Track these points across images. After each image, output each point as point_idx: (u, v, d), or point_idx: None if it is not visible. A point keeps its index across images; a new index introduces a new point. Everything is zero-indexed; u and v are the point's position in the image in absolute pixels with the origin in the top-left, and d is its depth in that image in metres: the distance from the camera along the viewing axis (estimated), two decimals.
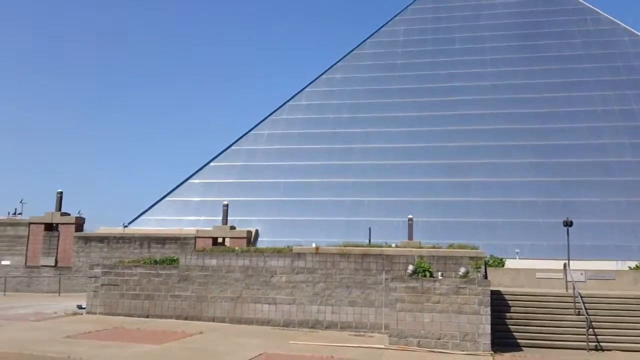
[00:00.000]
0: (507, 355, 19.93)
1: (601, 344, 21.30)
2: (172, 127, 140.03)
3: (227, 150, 56.80)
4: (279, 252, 26.50)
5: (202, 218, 49.54)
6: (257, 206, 50.53)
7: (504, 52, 59.59)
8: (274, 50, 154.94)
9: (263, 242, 45.33)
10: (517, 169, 48.95)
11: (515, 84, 55.69)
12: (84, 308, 28.43)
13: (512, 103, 54.07)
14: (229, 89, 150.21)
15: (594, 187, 46.25)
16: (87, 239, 44.14)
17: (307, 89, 60.93)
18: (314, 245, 27.51)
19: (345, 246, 26.76)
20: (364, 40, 65.45)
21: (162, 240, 42.77)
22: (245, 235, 42.67)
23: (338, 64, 63.17)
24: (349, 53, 64.26)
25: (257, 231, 47.71)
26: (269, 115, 59.13)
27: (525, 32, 61.16)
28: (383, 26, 66.91)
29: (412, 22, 66.40)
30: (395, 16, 67.98)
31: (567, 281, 26.13)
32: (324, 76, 62.12)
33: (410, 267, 22.44)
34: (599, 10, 62.33)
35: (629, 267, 34.03)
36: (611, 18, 61.20)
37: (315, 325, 25.01)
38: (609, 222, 43.60)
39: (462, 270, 22.14)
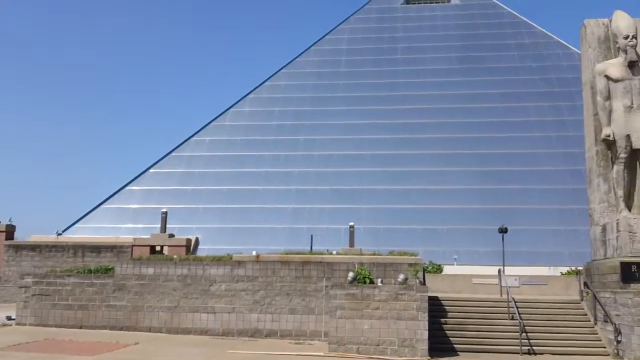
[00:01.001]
0: None
1: (534, 347, 21.89)
2: (110, 133, 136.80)
3: (168, 157, 55.83)
4: (218, 260, 26.17)
5: (140, 226, 48.37)
6: (198, 214, 49.81)
7: (445, 62, 60.98)
8: (217, 56, 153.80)
9: (203, 250, 44.67)
10: (457, 177, 50.00)
11: (455, 94, 56.98)
12: (13, 319, 27.36)
13: (453, 112, 55.28)
14: (170, 95, 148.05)
15: (529, 195, 47.73)
16: (18, 248, 42.48)
17: (250, 96, 60.64)
18: (254, 253, 27.30)
19: (287, 254, 26.68)
20: (308, 48, 65.76)
21: (97, 248, 41.60)
22: (184, 243, 41.92)
23: (282, 70, 63.17)
24: (293, 60, 64.38)
25: (197, 239, 46.99)
26: (211, 122, 58.51)
27: (464, 43, 62.79)
28: (327, 34, 67.40)
29: (356, 31, 67.15)
30: (339, 24, 68.63)
31: (501, 286, 26.79)
32: (267, 83, 61.98)
33: (351, 274, 22.52)
34: (534, 24, 64.67)
35: (561, 272, 35.15)
36: (545, 32, 63.61)
37: (255, 334, 24.78)
38: (542, 229, 45.03)
39: (401, 276, 22.38)
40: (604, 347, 21.75)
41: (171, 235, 42.93)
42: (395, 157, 52.19)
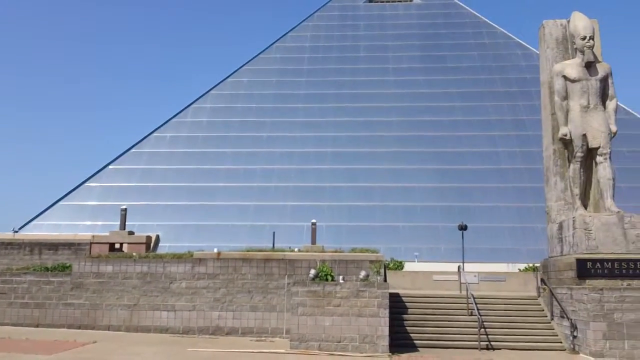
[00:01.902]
0: (404, 356, 20.42)
1: (492, 343, 22.26)
2: (68, 127, 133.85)
3: (127, 153, 54.88)
4: (179, 257, 25.88)
5: (99, 223, 47.48)
6: (159, 211, 49.12)
7: (406, 61, 61.52)
8: (179, 51, 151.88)
9: (164, 247, 44.10)
10: (418, 175, 50.52)
11: (416, 93, 57.54)
12: None
13: (414, 111, 55.82)
14: (131, 88, 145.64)
15: (488, 193, 48.54)
16: None
17: (212, 92, 60.09)
18: (215, 250, 27.07)
19: (248, 251, 26.55)
20: (271, 44, 65.53)
21: (54, 246, 40.64)
22: (144, 240, 41.19)
23: (244, 67, 62.77)
24: (255, 56, 64.04)
25: (157, 237, 46.36)
26: (172, 118, 57.75)
27: (426, 43, 63.47)
28: (290, 31, 67.27)
29: (319, 28, 67.20)
30: (302, 22, 68.56)
31: (461, 283, 27.18)
32: (229, 79, 61.52)
33: (312, 272, 22.53)
34: (494, 25, 65.76)
35: (518, 269, 35.88)
36: (505, 32, 64.75)
37: (215, 331, 24.59)
38: (501, 227, 45.87)
39: (363, 273, 22.49)
40: (560, 342, 22.25)
41: (131, 233, 42.16)
42: (357, 154, 52.45)
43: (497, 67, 59.66)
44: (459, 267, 29.65)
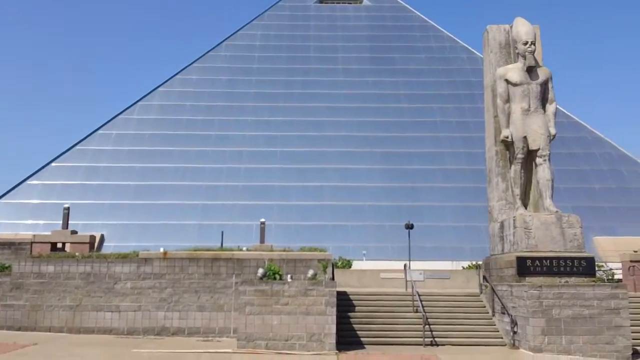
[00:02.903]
0: (350, 353, 20.64)
1: (436, 339, 22.72)
2: (6, 124, 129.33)
3: (71, 150, 53.56)
4: (124, 257, 25.41)
5: (41, 222, 46.17)
6: (104, 210, 48.14)
7: (356, 62, 62.14)
8: (125, 46, 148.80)
9: (109, 247, 43.25)
10: (366, 175, 51.14)
11: (365, 94, 58.20)
12: None
13: (363, 111, 56.44)
14: (75, 83, 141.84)
15: (434, 192, 49.58)
16: None
17: (160, 89, 59.26)
18: (162, 250, 26.70)
19: (196, 250, 26.27)
20: (220, 42, 65.10)
21: None
22: (88, 240, 40.11)
23: (193, 64, 62.13)
24: (205, 54, 63.47)
25: (102, 236, 45.43)
26: (118, 115, 56.66)
27: (375, 44, 64.25)
28: (240, 29, 66.96)
29: (269, 27, 67.11)
30: (252, 20, 68.36)
31: (407, 281, 27.63)
32: (178, 76, 60.80)
33: (260, 271, 22.49)
34: (441, 29, 67.10)
35: (462, 266, 36.75)
36: (451, 36, 66.20)
37: (161, 332, 24.27)
38: (446, 225, 46.93)
39: (311, 272, 22.60)
40: (501, 338, 22.88)
41: (74, 232, 41.04)
42: (306, 154, 52.66)
43: (443, 70, 60.94)
44: (405, 265, 30.14)
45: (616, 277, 32.30)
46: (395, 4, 70.22)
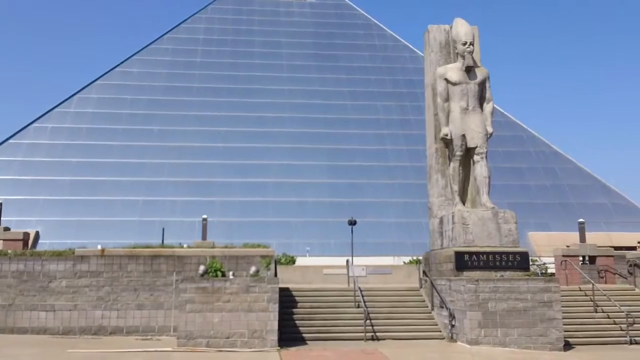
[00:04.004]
0: (292, 349, 20.69)
1: (377, 334, 23.05)
2: None
3: (4, 144, 51.59)
4: (59, 255, 24.62)
5: None
6: (39, 206, 46.56)
7: (300, 59, 62.17)
8: (61, 36, 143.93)
9: (45, 244, 41.77)
10: (310, 171, 51.30)
11: (309, 90, 58.33)
12: None
13: (307, 108, 56.58)
14: (8, 74, 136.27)
15: (376, 189, 50.23)
16: None
17: (98, 82, 57.68)
18: (99, 247, 26.03)
19: (135, 247, 25.72)
20: (162, 35, 63.91)
21: None
22: (21, 237, 38.72)
23: (134, 57, 60.75)
24: (146, 47, 62.15)
25: (37, 233, 43.91)
26: (54, 108, 54.86)
27: (319, 41, 64.47)
28: (182, 22, 65.92)
29: (212, 21, 66.32)
30: (195, 13, 67.41)
31: (349, 276, 27.89)
32: (118, 69, 59.35)
33: (202, 268, 22.24)
34: (384, 27, 67.92)
35: (403, 262, 37.35)
36: (394, 35, 67.09)
37: (98, 331, 23.68)
38: (388, 221, 47.62)
39: (253, 269, 22.51)
40: (440, 332, 23.41)
41: (6, 229, 39.55)
42: (248, 150, 52.42)
43: (386, 68, 61.72)
44: (347, 260, 30.38)
45: (549, 271, 33.59)
46: (340, 1, 70.63)
